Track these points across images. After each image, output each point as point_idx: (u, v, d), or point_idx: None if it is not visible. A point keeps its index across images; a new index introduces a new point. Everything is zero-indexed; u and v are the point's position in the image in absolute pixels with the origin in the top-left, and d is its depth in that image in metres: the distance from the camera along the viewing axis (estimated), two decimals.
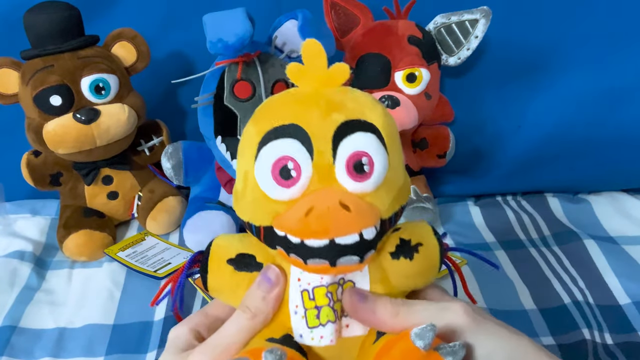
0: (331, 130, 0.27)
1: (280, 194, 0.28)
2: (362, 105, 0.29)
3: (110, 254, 0.59)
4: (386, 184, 0.28)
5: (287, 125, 0.27)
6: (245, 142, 0.30)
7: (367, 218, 0.27)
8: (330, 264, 0.27)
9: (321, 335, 0.29)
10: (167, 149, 0.61)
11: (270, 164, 0.27)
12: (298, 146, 0.27)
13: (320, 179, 0.27)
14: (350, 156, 0.27)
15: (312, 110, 0.28)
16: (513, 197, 0.73)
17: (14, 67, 0.56)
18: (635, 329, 0.49)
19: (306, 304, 0.29)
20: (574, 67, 0.65)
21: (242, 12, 0.51)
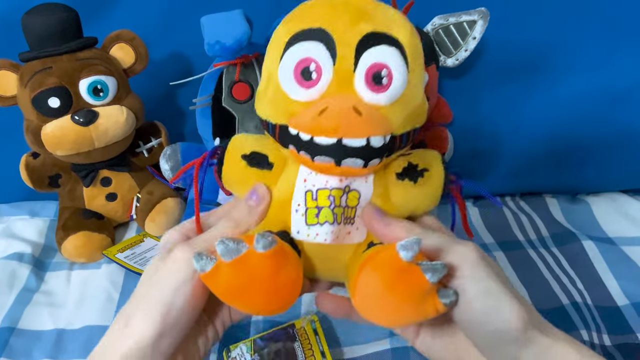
0: (356, 38, 0.28)
1: (299, 94, 0.29)
2: (391, 20, 0.29)
3: (109, 256, 0.59)
4: (402, 100, 0.29)
5: (315, 29, 0.28)
6: (273, 43, 0.30)
7: (377, 126, 0.28)
8: (335, 163, 0.28)
9: (317, 233, 0.31)
10: (165, 150, 0.61)
11: (294, 65, 0.28)
12: (322, 49, 0.28)
13: (339, 84, 0.28)
14: (371, 66, 0.28)
15: (342, 16, 0.28)
16: (512, 198, 0.73)
17: (12, 69, 0.57)
18: (634, 330, 0.49)
19: (308, 203, 0.31)
20: (572, 68, 0.65)
21: (239, 14, 0.51)
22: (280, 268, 0.28)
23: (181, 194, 0.67)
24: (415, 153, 0.33)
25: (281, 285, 0.29)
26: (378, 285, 0.28)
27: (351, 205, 0.31)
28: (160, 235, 0.65)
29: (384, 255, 0.28)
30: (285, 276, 0.29)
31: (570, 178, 0.70)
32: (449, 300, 0.28)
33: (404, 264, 0.27)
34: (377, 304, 0.29)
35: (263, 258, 0.27)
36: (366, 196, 0.31)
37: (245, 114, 0.55)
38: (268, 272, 0.28)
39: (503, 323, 0.28)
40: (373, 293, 0.28)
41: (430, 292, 0.28)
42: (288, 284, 0.29)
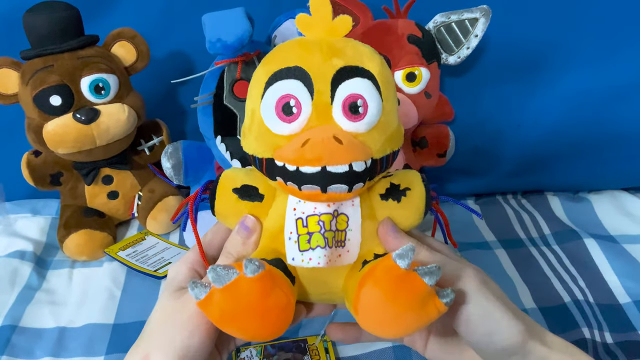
0: (331, 73, 0.30)
1: (282, 128, 0.31)
2: (361, 54, 0.31)
3: (111, 254, 0.59)
4: (379, 127, 0.31)
5: (292, 67, 0.30)
6: (254, 83, 0.33)
7: (357, 152, 0.30)
8: (321, 190, 0.30)
9: (310, 258, 0.32)
10: (167, 148, 0.61)
11: (275, 101, 0.30)
12: (300, 86, 0.30)
13: (318, 117, 0.30)
14: (347, 97, 0.30)
15: (315, 54, 0.30)
16: (513, 195, 0.73)
17: (13, 67, 0.56)
18: (635, 328, 0.49)
19: (299, 230, 0.32)
20: (574, 66, 0.65)
21: (241, 12, 0.51)
22: (269, 292, 0.29)
23: (182, 192, 0.67)
24: (396, 174, 0.35)
25: (271, 309, 0.30)
26: (380, 296, 0.29)
27: (340, 228, 0.33)
28: (162, 233, 0.65)
29: (381, 267, 0.30)
30: (275, 300, 0.30)
31: (572, 176, 0.70)
32: (449, 299, 0.29)
33: (402, 272, 0.29)
34: (382, 316, 0.30)
35: (252, 282, 0.29)
36: (354, 219, 0.33)
37: None
38: (257, 296, 0.29)
39: (504, 341, 0.31)
40: (376, 305, 0.29)
41: (430, 295, 0.29)
42: (278, 308, 0.30)
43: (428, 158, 0.64)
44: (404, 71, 0.56)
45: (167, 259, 0.60)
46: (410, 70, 0.56)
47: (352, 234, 0.33)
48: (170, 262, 0.59)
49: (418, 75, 0.57)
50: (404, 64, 0.56)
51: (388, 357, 0.46)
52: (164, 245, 0.63)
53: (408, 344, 0.40)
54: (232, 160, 0.55)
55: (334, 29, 0.32)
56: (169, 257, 0.60)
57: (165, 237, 0.65)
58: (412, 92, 0.57)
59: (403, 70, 0.56)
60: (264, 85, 0.31)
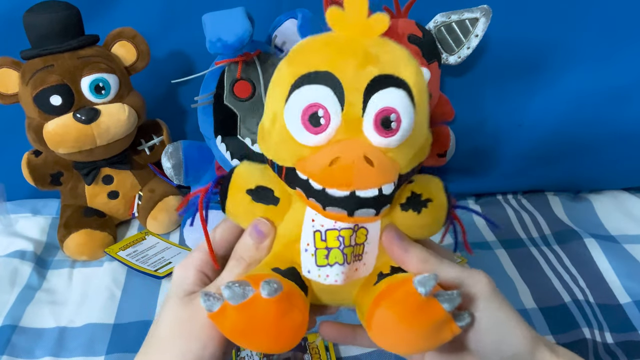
0: (364, 82, 0.27)
1: (307, 139, 0.28)
2: (397, 59, 0.28)
3: (111, 253, 0.59)
4: (409, 141, 0.29)
5: (322, 72, 0.27)
6: (277, 81, 0.30)
7: (388, 174, 0.28)
8: (347, 214, 0.28)
9: (327, 274, 0.31)
10: (167, 148, 0.61)
11: (301, 109, 0.28)
12: (330, 94, 0.27)
13: (347, 130, 0.28)
14: (380, 111, 0.27)
15: (349, 60, 0.27)
16: (514, 195, 0.72)
17: (14, 66, 0.56)
18: (636, 328, 0.49)
19: (317, 243, 0.30)
20: (575, 66, 0.65)
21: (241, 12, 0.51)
22: (286, 313, 0.28)
23: (182, 192, 0.67)
24: (417, 181, 0.33)
25: (286, 329, 0.29)
26: (396, 320, 0.28)
27: (359, 242, 0.31)
28: (162, 233, 0.65)
29: (401, 291, 0.29)
30: (291, 321, 0.29)
31: (573, 176, 0.70)
32: (465, 322, 0.29)
33: (422, 299, 0.28)
34: (395, 337, 0.29)
35: (269, 303, 0.27)
36: (373, 232, 0.31)
37: (246, 112, 0.55)
38: (273, 317, 0.28)
39: (514, 349, 0.31)
40: (391, 328, 0.29)
41: (447, 320, 0.29)
42: (293, 328, 0.29)
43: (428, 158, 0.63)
44: None
45: (168, 258, 0.60)
46: None
47: (370, 247, 0.32)
48: (170, 262, 0.59)
49: None
50: None
51: (388, 356, 0.46)
52: (164, 245, 0.63)
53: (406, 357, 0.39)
54: (232, 160, 0.55)
55: (369, 27, 0.28)
56: (169, 257, 0.60)
57: (166, 237, 0.65)
58: None
59: None
60: (289, 87, 0.28)
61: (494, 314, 0.31)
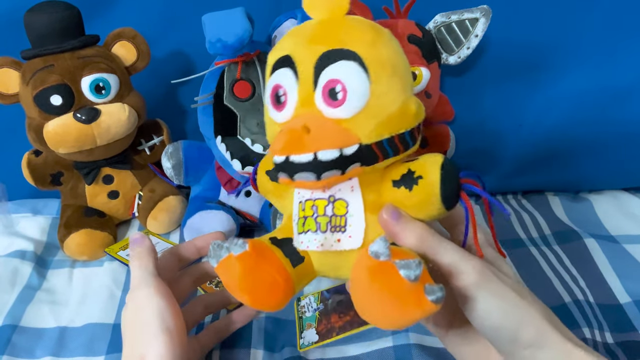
0: (314, 58, 0.30)
1: (276, 116, 0.32)
2: (351, 34, 0.31)
3: (111, 253, 0.60)
4: (367, 111, 0.30)
5: (284, 56, 0.31)
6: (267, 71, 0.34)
7: (326, 140, 0.29)
8: (289, 178, 0.30)
9: (301, 241, 0.33)
10: (167, 148, 0.61)
11: (269, 91, 0.32)
12: (290, 74, 0.31)
13: (302, 104, 0.31)
14: (326, 83, 0.30)
15: (302, 41, 0.31)
16: (514, 196, 0.72)
17: (14, 66, 0.57)
18: (636, 328, 0.49)
19: (299, 213, 0.34)
20: (575, 66, 0.65)
21: (241, 12, 0.51)
22: (252, 270, 0.32)
23: (183, 192, 0.67)
24: (420, 158, 0.32)
25: (257, 286, 0.32)
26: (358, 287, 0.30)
27: (339, 214, 0.32)
28: (162, 233, 0.65)
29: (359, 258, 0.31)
30: (259, 277, 0.32)
31: (572, 176, 0.70)
32: (435, 296, 0.27)
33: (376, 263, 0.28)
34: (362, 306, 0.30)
35: (235, 260, 0.32)
36: (355, 204, 0.32)
37: (246, 112, 0.55)
38: (240, 273, 0.32)
39: (513, 332, 0.31)
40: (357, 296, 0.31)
41: (413, 291, 0.27)
42: (263, 285, 0.32)
43: None
44: None
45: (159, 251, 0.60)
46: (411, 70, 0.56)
47: (354, 219, 0.32)
48: None
49: (418, 75, 0.57)
50: None
51: (388, 356, 0.46)
52: (165, 245, 0.63)
53: (432, 330, 0.40)
54: (232, 161, 0.55)
55: (335, 8, 0.32)
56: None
57: (166, 237, 0.65)
58: None
59: None
60: (269, 75, 0.33)
61: (488, 300, 0.31)
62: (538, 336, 0.31)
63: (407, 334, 0.47)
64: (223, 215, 0.57)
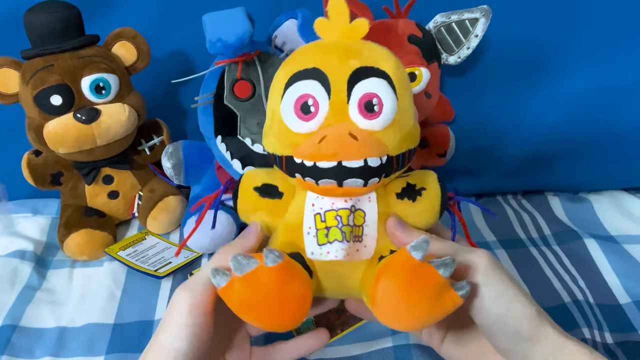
0: (348, 73, 0.31)
1: (300, 126, 0.32)
2: (377, 55, 0.33)
3: (111, 253, 0.59)
4: (394, 124, 0.32)
5: (310, 69, 0.32)
6: (274, 84, 0.34)
7: (372, 148, 0.31)
8: (337, 184, 0.31)
9: (328, 251, 0.33)
10: (167, 148, 0.61)
11: (294, 101, 0.32)
12: (318, 86, 0.31)
13: (334, 115, 0.31)
14: (363, 96, 0.31)
15: (332, 56, 0.32)
16: (513, 196, 0.73)
17: (14, 66, 0.57)
18: (635, 329, 0.49)
19: (318, 225, 0.33)
20: (575, 66, 0.65)
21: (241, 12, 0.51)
22: (288, 282, 0.31)
23: (183, 192, 0.67)
24: (413, 174, 0.36)
25: (289, 300, 0.31)
26: (395, 288, 0.30)
27: (358, 224, 0.34)
28: (162, 233, 0.65)
29: (397, 259, 0.31)
30: (293, 291, 0.31)
31: (572, 176, 0.70)
32: (464, 291, 0.30)
33: (417, 264, 0.29)
34: (397, 308, 0.30)
35: (271, 272, 0.30)
36: (371, 215, 0.34)
37: (247, 112, 0.55)
38: (276, 286, 0.30)
39: (517, 324, 0.31)
40: (391, 297, 0.30)
41: (445, 287, 0.30)
42: (296, 298, 0.31)
43: (428, 158, 0.64)
44: None
45: (168, 258, 0.60)
46: (411, 70, 0.56)
47: (369, 229, 0.34)
48: (170, 262, 0.59)
49: (418, 75, 0.57)
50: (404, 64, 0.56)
51: (388, 356, 0.46)
52: (165, 245, 0.63)
53: (425, 339, 0.40)
54: (233, 160, 0.55)
55: (351, 31, 0.33)
56: (170, 257, 0.60)
57: (166, 237, 0.65)
58: None
59: None
60: (284, 86, 0.33)
61: (495, 287, 0.32)
62: (535, 329, 0.31)
63: (407, 334, 0.47)
64: (223, 216, 0.57)
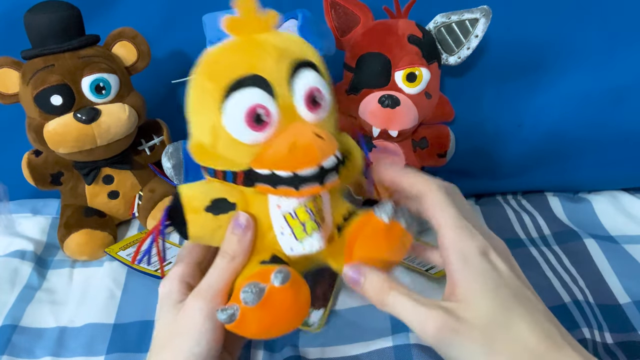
0: (286, 73, 0.31)
1: (255, 138, 0.31)
2: (300, 46, 0.33)
3: (111, 253, 0.60)
4: (331, 111, 0.34)
5: (247, 76, 0.30)
6: (203, 97, 0.32)
7: (334, 141, 0.32)
8: (320, 185, 0.31)
9: (311, 244, 0.33)
10: (167, 148, 0.61)
11: (243, 114, 0.30)
12: (262, 93, 0.30)
13: (285, 118, 0.31)
14: (306, 92, 0.31)
15: (266, 58, 0.31)
16: (513, 196, 0.73)
17: (14, 66, 0.57)
18: (635, 328, 0.49)
19: (291, 223, 0.33)
20: (575, 66, 0.65)
21: None
22: (298, 292, 0.31)
23: None
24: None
25: (302, 305, 0.32)
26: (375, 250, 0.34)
27: (319, 207, 0.34)
28: None
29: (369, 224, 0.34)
30: (304, 297, 0.32)
31: (572, 176, 0.70)
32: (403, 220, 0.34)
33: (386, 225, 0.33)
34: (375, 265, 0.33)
35: (285, 290, 0.30)
36: (325, 195, 0.34)
37: None
38: (291, 301, 0.31)
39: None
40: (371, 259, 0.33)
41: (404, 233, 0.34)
42: (306, 301, 0.32)
43: (428, 158, 0.64)
44: (405, 71, 0.56)
45: (168, 258, 0.60)
46: (411, 71, 0.56)
47: (325, 206, 0.34)
48: (170, 262, 0.59)
49: (418, 76, 0.57)
50: (404, 64, 0.56)
51: (388, 356, 0.46)
52: (165, 245, 0.63)
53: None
54: None
55: (264, 24, 0.32)
56: (170, 257, 0.60)
57: (166, 237, 0.65)
58: (412, 93, 0.57)
59: (403, 70, 0.56)
60: (221, 99, 0.30)
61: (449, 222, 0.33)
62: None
63: (407, 334, 0.47)
64: None
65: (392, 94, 0.56)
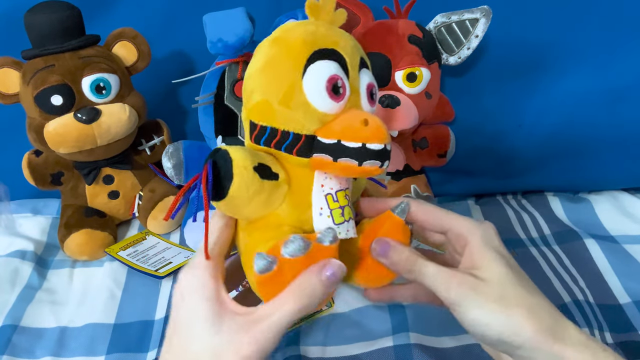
0: (357, 61, 0.33)
1: (330, 107, 0.32)
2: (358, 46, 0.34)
3: (111, 253, 0.60)
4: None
5: (330, 49, 0.32)
6: (286, 56, 0.32)
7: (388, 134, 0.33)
8: (380, 165, 0.32)
9: (347, 229, 0.34)
10: (167, 148, 0.61)
11: (325, 79, 0.31)
12: (341, 70, 0.32)
13: (352, 99, 0.32)
14: (367, 85, 0.33)
15: (347, 42, 0.33)
16: (513, 196, 0.72)
17: (15, 66, 0.57)
18: (636, 328, 0.49)
19: (331, 205, 0.33)
20: (575, 67, 0.65)
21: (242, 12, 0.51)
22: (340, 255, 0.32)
23: None
24: None
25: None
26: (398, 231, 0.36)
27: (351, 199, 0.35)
28: (163, 233, 0.65)
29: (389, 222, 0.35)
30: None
31: (572, 176, 0.70)
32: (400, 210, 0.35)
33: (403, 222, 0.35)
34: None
35: (331, 249, 0.31)
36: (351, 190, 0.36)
37: None
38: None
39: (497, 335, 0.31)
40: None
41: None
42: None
43: (428, 158, 0.64)
44: (405, 71, 0.56)
45: (168, 258, 0.60)
46: (411, 71, 0.56)
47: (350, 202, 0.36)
48: (170, 262, 0.59)
49: (419, 76, 0.57)
50: (404, 64, 0.56)
51: (389, 356, 0.46)
52: (165, 245, 0.63)
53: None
54: None
55: (334, 19, 0.34)
56: (170, 256, 0.60)
57: (166, 237, 0.65)
58: (412, 93, 0.57)
59: (404, 70, 0.56)
60: (305, 61, 0.31)
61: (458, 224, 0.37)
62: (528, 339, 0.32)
63: (408, 334, 0.47)
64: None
65: (392, 93, 0.56)
